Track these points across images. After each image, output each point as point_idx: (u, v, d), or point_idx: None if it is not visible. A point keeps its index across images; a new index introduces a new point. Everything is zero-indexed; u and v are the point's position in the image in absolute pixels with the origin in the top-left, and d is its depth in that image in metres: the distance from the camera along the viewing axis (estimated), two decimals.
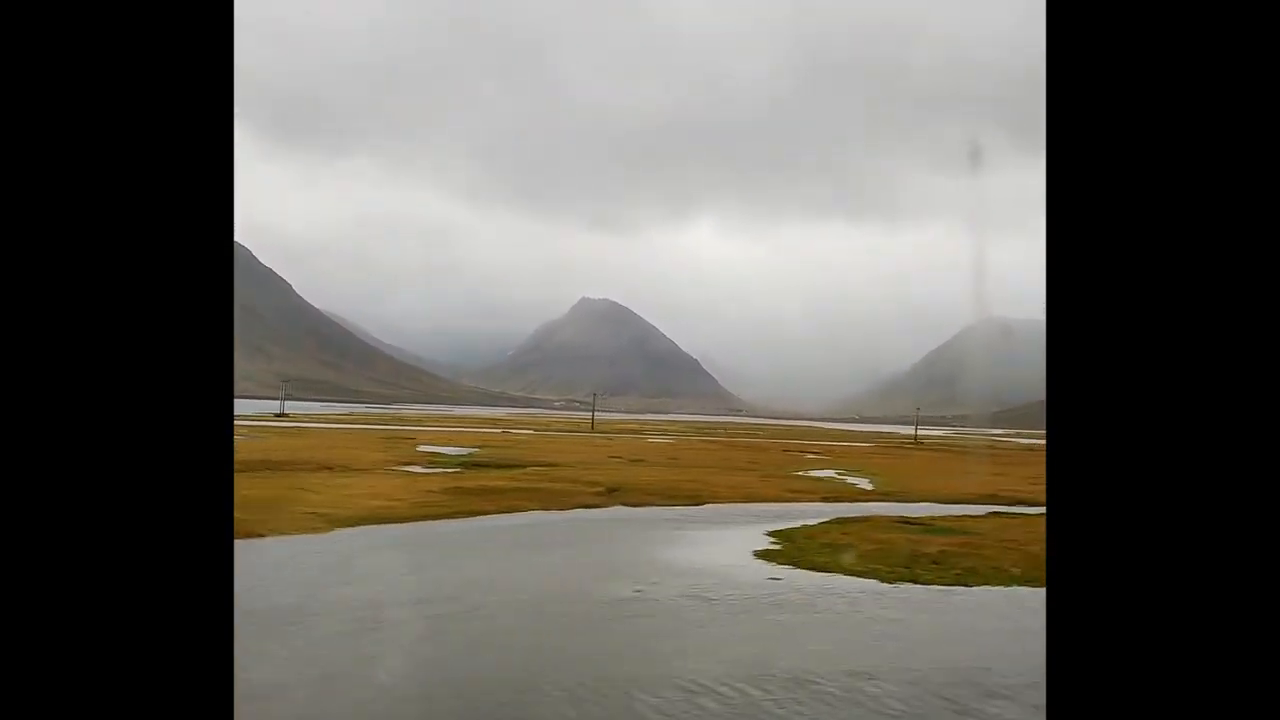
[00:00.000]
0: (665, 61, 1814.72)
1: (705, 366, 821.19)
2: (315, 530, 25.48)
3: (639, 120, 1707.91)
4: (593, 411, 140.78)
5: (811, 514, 33.54)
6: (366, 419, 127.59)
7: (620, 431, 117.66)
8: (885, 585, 20.05)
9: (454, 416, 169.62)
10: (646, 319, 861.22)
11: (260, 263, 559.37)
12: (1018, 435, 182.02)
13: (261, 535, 23.50)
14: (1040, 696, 4.00)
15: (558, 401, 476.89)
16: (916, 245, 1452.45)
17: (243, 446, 50.39)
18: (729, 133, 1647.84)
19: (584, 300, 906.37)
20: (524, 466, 49.39)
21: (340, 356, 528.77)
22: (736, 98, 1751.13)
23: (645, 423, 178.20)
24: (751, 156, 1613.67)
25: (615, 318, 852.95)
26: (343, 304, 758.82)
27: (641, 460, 59.49)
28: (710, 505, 36.38)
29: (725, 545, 25.83)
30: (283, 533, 24.45)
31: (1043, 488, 3.15)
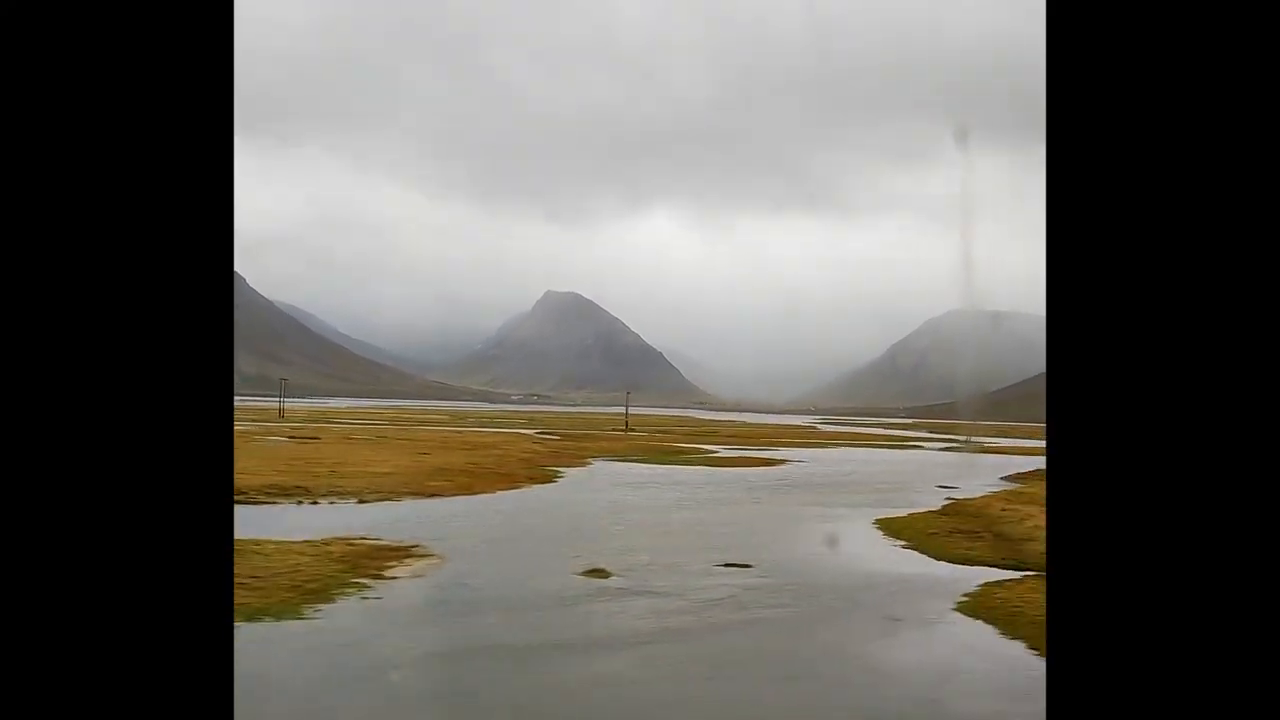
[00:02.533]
0: (603, 58, 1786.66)
1: (670, 360, 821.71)
2: None
3: (583, 115, 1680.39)
4: (280, 401, 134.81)
5: None
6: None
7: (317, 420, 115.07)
8: None
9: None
10: (611, 312, 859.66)
11: None
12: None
13: None
14: None
15: (515, 395, 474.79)
16: (870, 240, 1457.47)
17: None
18: (674, 128, 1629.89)
19: (549, 294, 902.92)
20: None
21: (293, 351, 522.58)
22: (678, 94, 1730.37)
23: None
24: (699, 152, 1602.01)
25: (580, 311, 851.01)
26: (302, 298, 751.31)
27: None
28: None
29: None
30: None
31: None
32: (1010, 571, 26.28)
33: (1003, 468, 65.66)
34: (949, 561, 28.91)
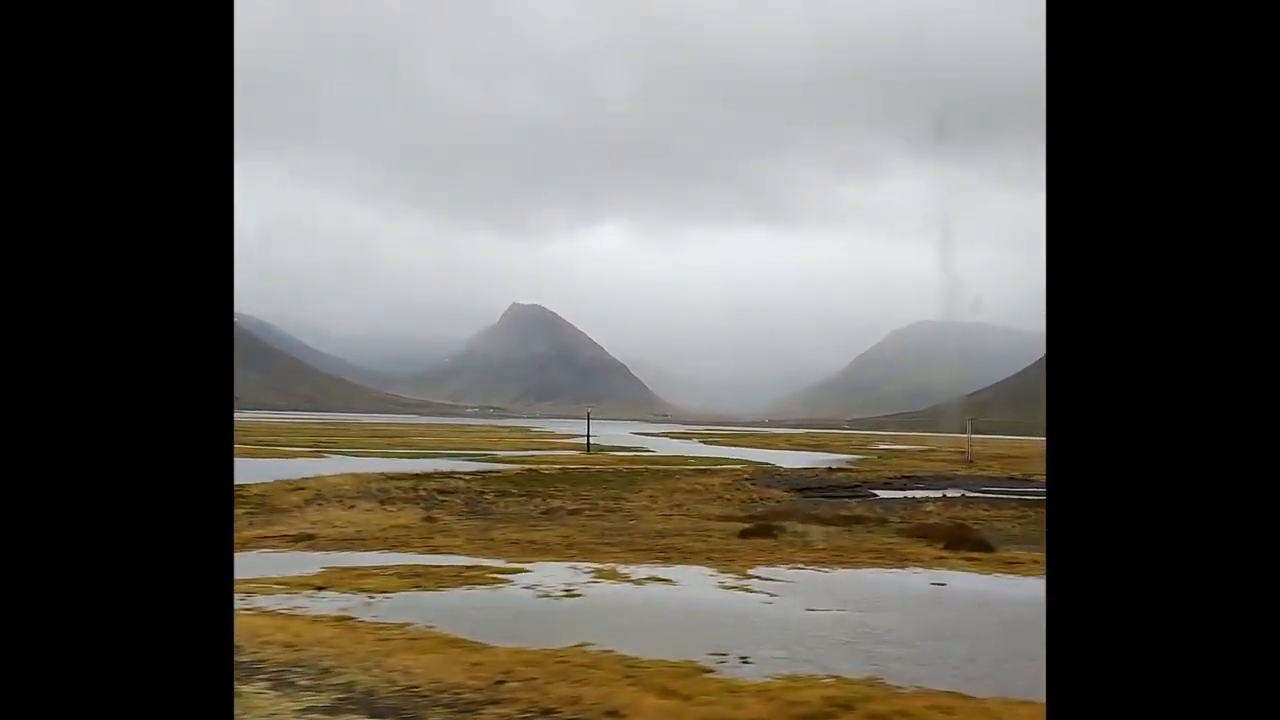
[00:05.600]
0: (530, 66, 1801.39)
1: (634, 372, 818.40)
2: None
3: (517, 125, 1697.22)
4: None
5: None
6: None
7: None
8: None
9: None
10: (576, 325, 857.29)
11: None
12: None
13: None
14: None
15: (470, 408, 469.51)
16: (823, 251, 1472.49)
17: None
18: (610, 137, 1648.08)
19: (514, 306, 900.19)
20: None
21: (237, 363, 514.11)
22: (610, 103, 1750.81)
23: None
24: (639, 161, 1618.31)
25: (545, 324, 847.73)
26: (262, 310, 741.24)
27: None
28: None
29: None
30: None
31: None
32: None
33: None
34: None
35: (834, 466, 67.42)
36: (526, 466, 55.18)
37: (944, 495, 42.18)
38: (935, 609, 14.40)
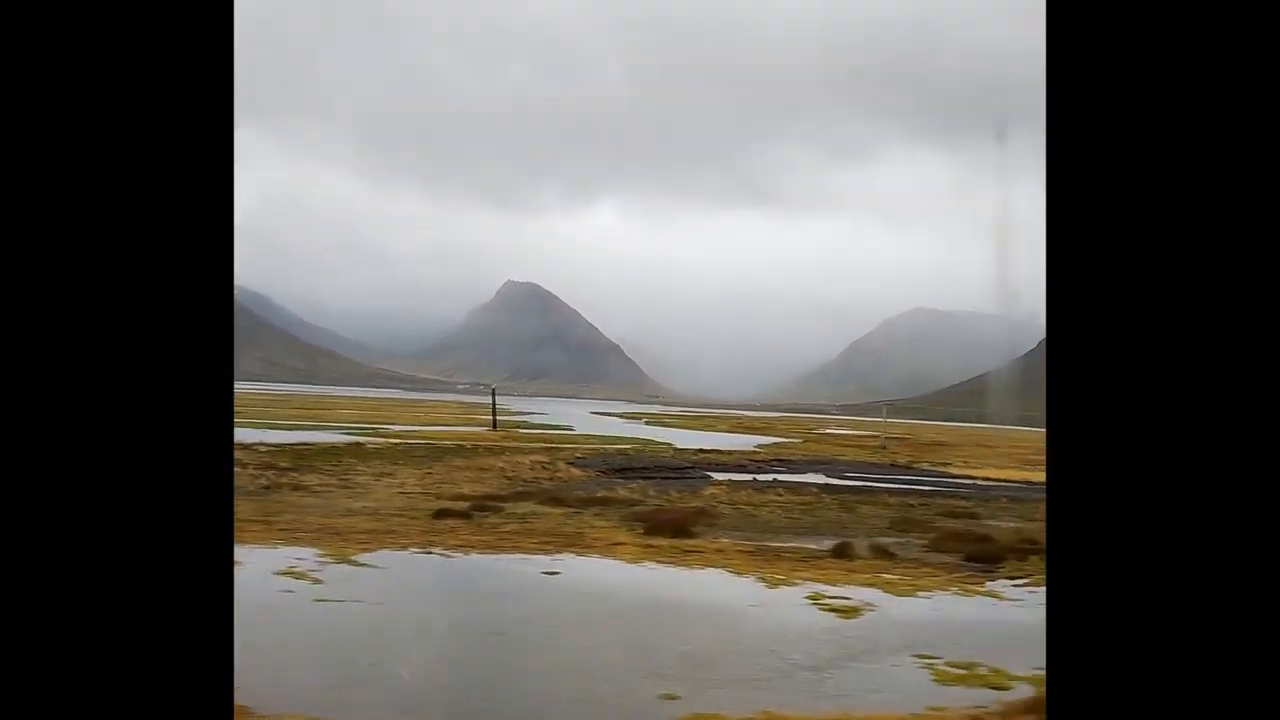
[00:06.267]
0: (525, 45, 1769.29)
1: (628, 353, 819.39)
2: None
3: (513, 104, 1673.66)
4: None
5: None
6: None
7: None
8: None
9: None
10: (570, 304, 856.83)
11: None
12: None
13: None
14: None
15: (461, 385, 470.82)
16: (818, 237, 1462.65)
17: None
18: (606, 119, 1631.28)
19: (509, 284, 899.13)
20: None
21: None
22: (606, 84, 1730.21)
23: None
24: (635, 143, 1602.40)
25: (539, 302, 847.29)
26: (259, 283, 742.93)
27: None
28: None
29: None
30: None
31: None
32: None
33: None
34: None
35: (734, 450, 68.57)
36: (392, 442, 56.39)
37: (774, 480, 43.24)
38: (450, 601, 16.15)
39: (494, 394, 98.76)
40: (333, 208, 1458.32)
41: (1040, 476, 51.21)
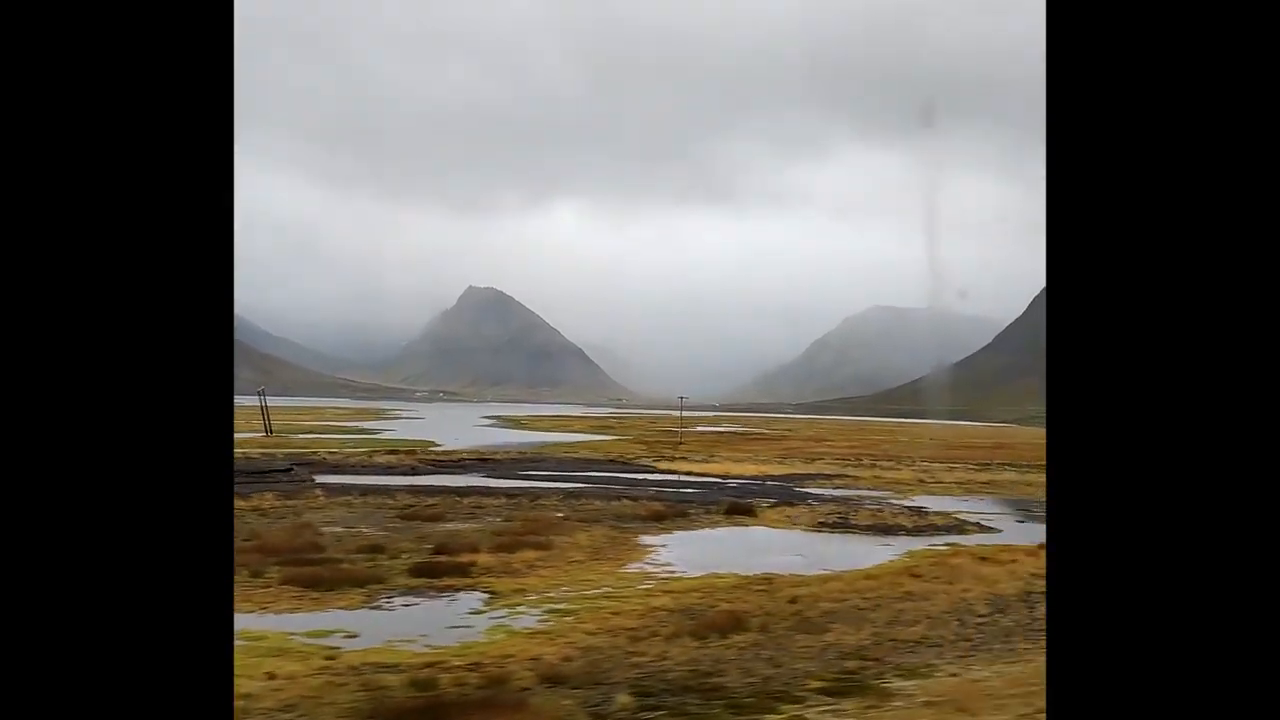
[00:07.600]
0: (466, 48, 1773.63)
1: (590, 356, 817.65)
2: None
3: (461, 108, 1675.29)
4: None
5: None
6: None
7: None
8: None
9: None
10: (531, 308, 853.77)
11: None
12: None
13: None
14: None
15: (419, 393, 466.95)
16: (775, 234, 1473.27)
17: None
18: (555, 120, 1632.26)
19: (470, 289, 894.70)
20: None
21: None
22: (552, 85, 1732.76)
23: None
24: (586, 143, 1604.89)
25: (500, 307, 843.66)
26: None
27: None
28: None
29: None
30: None
31: None
32: None
33: None
34: None
35: (492, 449, 66.21)
36: None
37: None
38: None
39: (262, 394, 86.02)
40: (286, 218, 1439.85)
41: (777, 472, 49.14)
